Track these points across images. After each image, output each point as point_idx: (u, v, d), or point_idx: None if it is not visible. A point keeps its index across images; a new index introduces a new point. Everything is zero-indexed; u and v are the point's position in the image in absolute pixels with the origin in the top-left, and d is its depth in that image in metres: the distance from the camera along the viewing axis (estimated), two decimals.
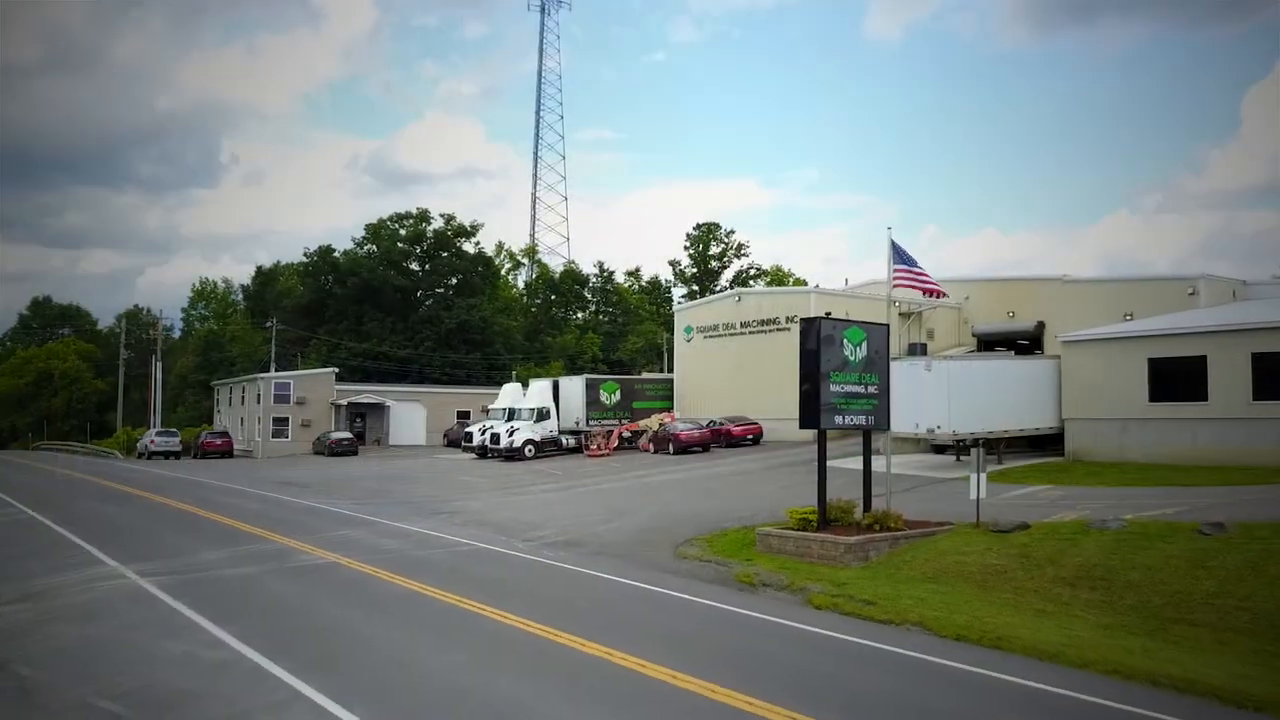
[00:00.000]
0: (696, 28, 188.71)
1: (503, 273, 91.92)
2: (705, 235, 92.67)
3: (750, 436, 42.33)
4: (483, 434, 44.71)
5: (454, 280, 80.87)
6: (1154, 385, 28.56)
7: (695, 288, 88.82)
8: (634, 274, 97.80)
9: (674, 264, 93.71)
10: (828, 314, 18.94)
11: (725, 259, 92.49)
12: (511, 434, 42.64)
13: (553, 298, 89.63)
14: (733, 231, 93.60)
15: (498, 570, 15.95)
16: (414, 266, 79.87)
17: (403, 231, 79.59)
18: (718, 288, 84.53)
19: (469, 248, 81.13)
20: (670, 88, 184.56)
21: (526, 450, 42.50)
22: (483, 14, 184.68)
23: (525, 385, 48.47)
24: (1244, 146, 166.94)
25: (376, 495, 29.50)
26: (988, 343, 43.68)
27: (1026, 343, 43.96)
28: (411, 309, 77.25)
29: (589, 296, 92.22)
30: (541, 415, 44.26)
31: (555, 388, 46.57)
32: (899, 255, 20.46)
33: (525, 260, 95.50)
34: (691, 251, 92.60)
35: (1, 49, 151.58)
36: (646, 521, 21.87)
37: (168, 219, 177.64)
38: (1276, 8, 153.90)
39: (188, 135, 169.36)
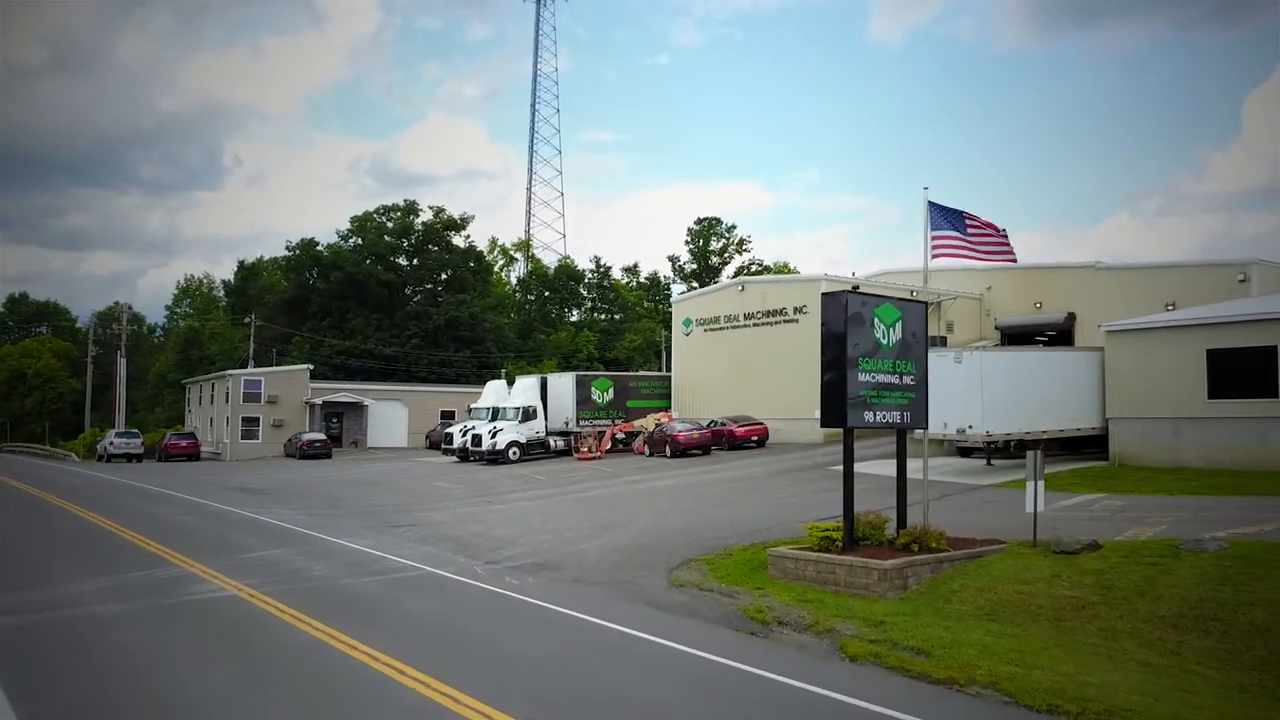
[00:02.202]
0: (699, 30, 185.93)
1: (496, 269, 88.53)
2: (706, 230, 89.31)
3: (755, 438, 38.91)
4: (464, 435, 41.21)
5: (443, 275, 77.42)
6: (1213, 379, 25.19)
7: (695, 284, 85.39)
8: (631, 270, 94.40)
9: (673, 259, 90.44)
10: (855, 288, 15.54)
11: (726, 254, 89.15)
12: (494, 435, 39.16)
13: (546, 294, 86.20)
14: (734, 227, 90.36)
15: (440, 607, 12.55)
16: (401, 261, 76.37)
17: (389, 224, 76.09)
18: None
19: (459, 242, 77.76)
20: (672, 89, 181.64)
21: (510, 453, 39.03)
22: (486, 16, 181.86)
23: (511, 383, 45.04)
24: (1245, 149, 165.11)
25: (334, 504, 26.11)
26: (1012, 336, 40.26)
27: (1047, 338, 40.60)
28: (398, 305, 73.77)
29: (585, 293, 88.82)
30: (527, 415, 40.80)
31: (543, 385, 43.10)
32: (939, 219, 17.03)
33: (519, 256, 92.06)
34: (692, 247, 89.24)
35: (3, 49, 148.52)
36: (637, 537, 18.55)
37: (170, 220, 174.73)
38: (1278, 10, 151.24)
39: (190, 137, 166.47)
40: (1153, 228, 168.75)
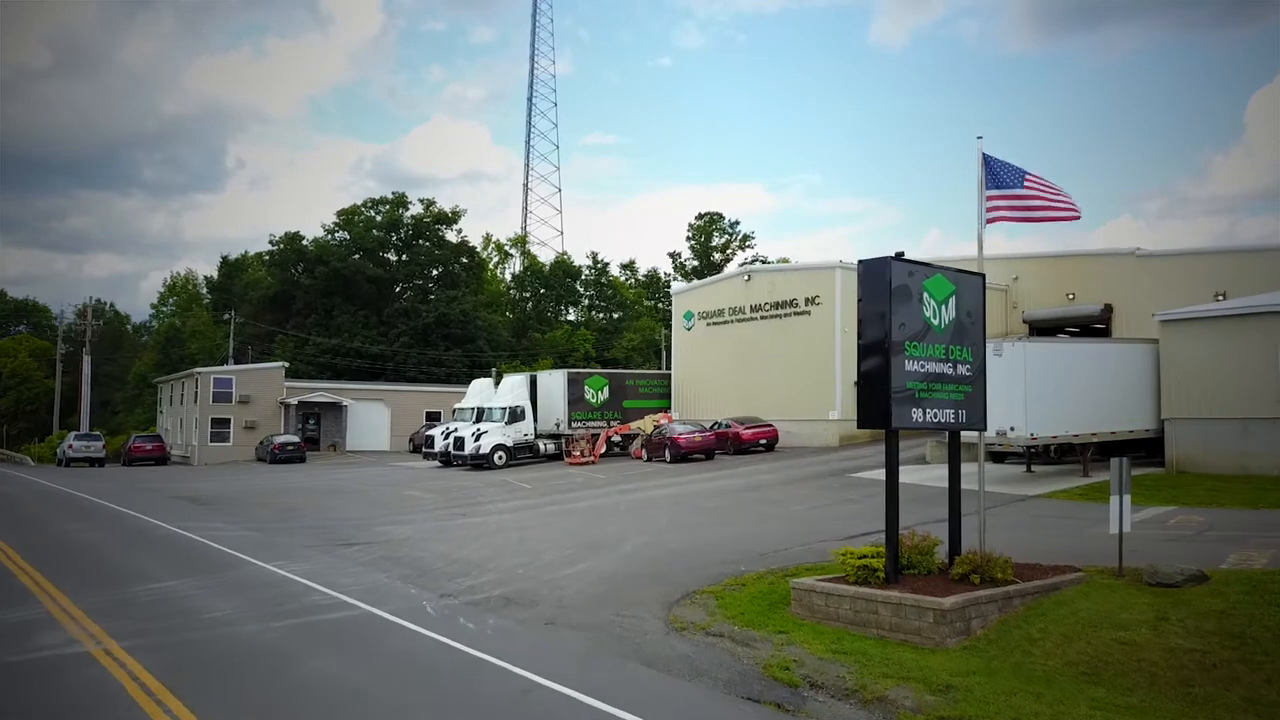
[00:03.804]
0: (701, 32, 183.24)
1: (490, 266, 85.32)
2: (708, 226, 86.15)
3: (763, 441, 35.72)
4: (445, 438, 38.02)
5: (434, 271, 74.17)
6: None
7: (696, 281, 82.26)
8: (629, 266, 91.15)
9: (674, 255, 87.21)
10: (899, 254, 12.41)
11: (729, 251, 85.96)
12: (478, 438, 35.96)
13: (542, 292, 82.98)
14: (737, 223, 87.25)
15: (359, 671, 9.37)
16: (390, 256, 73.13)
17: (378, 218, 72.88)
18: None
19: (451, 237, 74.57)
20: (674, 92, 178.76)
21: (495, 457, 35.84)
22: (490, 19, 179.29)
23: (498, 381, 41.84)
24: (1247, 152, 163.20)
25: (286, 516, 22.96)
26: (1041, 330, 37.06)
27: (1077, 330, 37.46)
28: (386, 302, 70.55)
29: (582, 290, 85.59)
30: (515, 416, 37.58)
31: (533, 384, 39.87)
32: (994, 175, 13.90)
33: (514, 251, 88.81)
34: (693, 243, 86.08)
35: (6, 51, 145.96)
36: (630, 560, 15.46)
37: (172, 223, 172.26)
38: None
39: (193, 139, 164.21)
40: (1155, 230, 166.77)
